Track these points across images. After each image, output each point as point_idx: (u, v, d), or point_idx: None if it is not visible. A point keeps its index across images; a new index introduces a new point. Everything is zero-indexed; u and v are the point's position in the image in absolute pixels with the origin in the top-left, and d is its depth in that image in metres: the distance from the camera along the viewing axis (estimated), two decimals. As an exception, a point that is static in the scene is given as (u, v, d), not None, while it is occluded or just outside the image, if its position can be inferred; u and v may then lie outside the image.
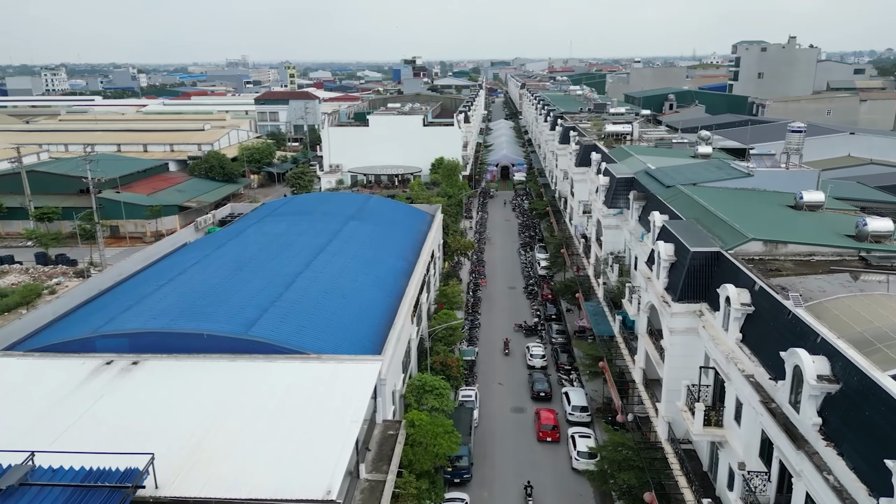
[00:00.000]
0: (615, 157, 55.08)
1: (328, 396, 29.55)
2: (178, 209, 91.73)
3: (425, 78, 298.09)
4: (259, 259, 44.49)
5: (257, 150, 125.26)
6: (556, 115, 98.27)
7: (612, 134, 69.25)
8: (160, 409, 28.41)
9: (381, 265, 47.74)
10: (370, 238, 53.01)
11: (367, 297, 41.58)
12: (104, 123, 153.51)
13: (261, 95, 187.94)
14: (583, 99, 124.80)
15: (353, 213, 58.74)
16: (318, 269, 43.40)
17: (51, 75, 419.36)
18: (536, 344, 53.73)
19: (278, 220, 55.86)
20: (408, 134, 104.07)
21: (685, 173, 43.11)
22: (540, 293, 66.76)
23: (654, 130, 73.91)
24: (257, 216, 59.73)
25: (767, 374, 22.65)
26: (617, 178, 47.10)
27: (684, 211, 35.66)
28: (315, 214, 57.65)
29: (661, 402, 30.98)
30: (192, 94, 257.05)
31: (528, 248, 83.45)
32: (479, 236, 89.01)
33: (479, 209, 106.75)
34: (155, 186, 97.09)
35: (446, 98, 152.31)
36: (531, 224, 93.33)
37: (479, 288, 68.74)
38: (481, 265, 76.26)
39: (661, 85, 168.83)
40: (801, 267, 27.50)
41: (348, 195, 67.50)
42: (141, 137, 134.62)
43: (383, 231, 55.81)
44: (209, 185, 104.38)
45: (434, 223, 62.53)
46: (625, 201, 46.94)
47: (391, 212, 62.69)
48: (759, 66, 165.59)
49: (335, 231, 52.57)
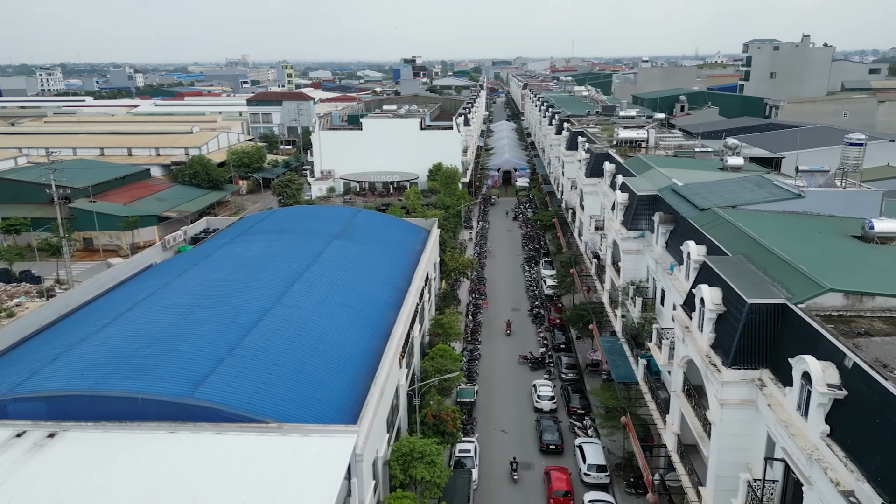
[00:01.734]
0: (632, 169, 48.82)
1: (290, 479, 23.55)
2: (156, 219, 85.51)
3: (424, 78, 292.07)
4: (223, 290, 38.28)
5: (246, 154, 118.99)
6: (561, 119, 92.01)
7: (626, 140, 62.98)
8: (76, 499, 22.37)
9: (366, 295, 41.53)
10: (356, 261, 46.81)
11: (347, 339, 35.38)
12: (88, 126, 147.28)
13: (253, 96, 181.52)
14: (589, 100, 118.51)
15: (339, 231, 52.57)
16: (291, 304, 37.20)
17: (46, 75, 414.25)
18: (545, 382, 47.32)
19: (253, 240, 49.67)
20: (404, 138, 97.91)
21: (720, 192, 36.84)
22: (546, 317, 60.45)
23: (670, 136, 67.60)
24: (232, 234, 53.56)
25: (875, 496, 16.34)
26: (638, 196, 40.85)
27: (728, 242, 29.40)
28: (295, 232, 51.46)
29: (707, 490, 24.68)
30: (186, 95, 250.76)
31: (533, 263, 77.17)
32: (480, 249, 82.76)
33: (480, 218, 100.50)
34: (133, 195, 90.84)
35: (445, 99, 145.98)
36: (535, 235, 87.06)
37: (480, 310, 62.44)
38: (482, 283, 69.94)
39: (669, 85, 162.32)
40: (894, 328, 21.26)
41: (335, 209, 61.24)
42: (125, 141, 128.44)
43: (372, 252, 49.61)
44: (193, 192, 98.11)
45: (429, 240, 56.36)
46: (647, 223, 40.71)
47: (382, 228, 56.49)
48: (772, 66, 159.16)
49: (316, 253, 46.37)
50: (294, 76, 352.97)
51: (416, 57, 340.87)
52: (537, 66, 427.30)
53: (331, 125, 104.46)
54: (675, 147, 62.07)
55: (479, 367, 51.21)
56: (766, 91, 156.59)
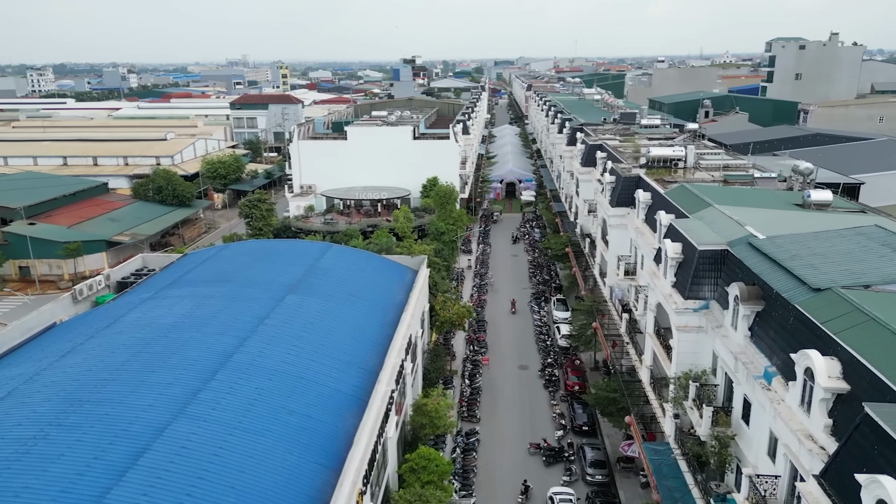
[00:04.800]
0: (680, 204, 37.03)
1: None
2: (105, 244, 73.87)
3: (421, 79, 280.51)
4: (109, 390, 26.66)
5: (222, 164, 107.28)
6: (573, 128, 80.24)
7: (659, 160, 51.29)
8: None
9: (318, 388, 29.87)
10: (312, 328, 35.14)
11: (277, 476, 23.74)
12: (54, 132, 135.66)
13: (237, 99, 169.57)
14: (602, 105, 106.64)
15: (298, 279, 40.87)
16: (203, 415, 25.55)
17: (37, 75, 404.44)
18: (564, 496, 35.22)
19: (182, 295, 38.00)
20: (394, 149, 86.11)
21: (830, 255, 25.08)
22: (563, 380, 48.63)
23: (711, 153, 55.71)
24: (160, 282, 41.89)
25: None
26: (700, 251, 29.08)
27: (882, 360, 17.67)
28: (239, 283, 39.78)
29: None
30: (173, 97, 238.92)
31: (543, 300, 65.36)
32: (481, 280, 70.94)
33: (481, 239, 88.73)
34: (83, 214, 79.16)
35: (443, 103, 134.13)
36: (544, 264, 75.23)
37: (479, 369, 50.64)
38: (482, 329, 58.02)
39: (687, 87, 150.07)
40: None
41: (299, 246, 49.28)
42: (91, 149, 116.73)
43: (336, 311, 37.93)
44: (156, 210, 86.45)
45: (416, 285, 44.74)
46: (712, 289, 28.97)
47: (355, 273, 44.77)
48: (797, 66, 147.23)
49: (259, 318, 34.71)
50: (290, 76, 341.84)
51: (415, 57, 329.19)
52: (540, 66, 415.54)
53: (313, 133, 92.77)
54: (720, 168, 50.32)
55: (478, 460, 39.39)
56: (790, 93, 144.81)
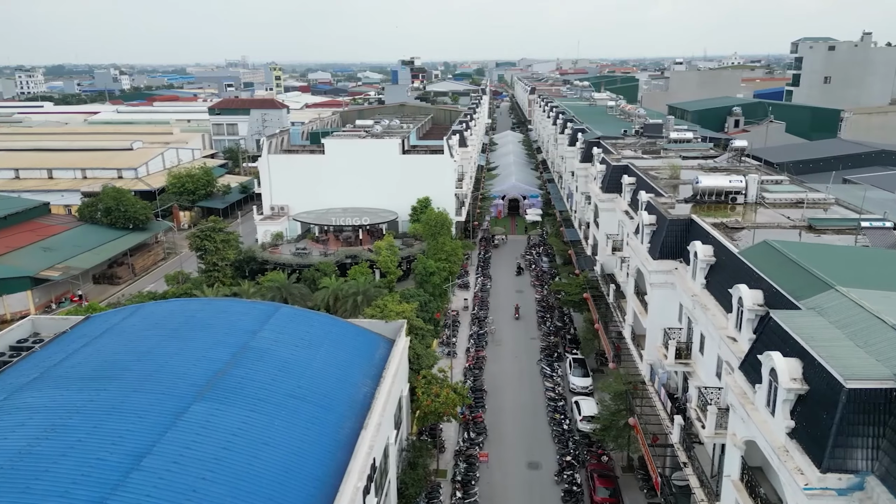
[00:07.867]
0: (766, 274, 24.84)
1: None
2: (31, 282, 61.86)
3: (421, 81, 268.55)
4: None
5: (190, 177, 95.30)
6: (588, 141, 68.18)
7: (709, 192, 39.26)
8: None
9: None
10: (221, 467, 23.05)
11: None
12: (5, 140, 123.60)
13: (217, 103, 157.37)
14: (618, 112, 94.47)
15: (218, 369, 28.74)
16: None
17: (26, 77, 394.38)
18: None
19: (35, 408, 25.91)
20: (379, 165, 74.25)
21: None
22: (588, 492, 36.40)
23: (774, 185, 43.36)
24: (21, 375, 29.73)
25: None
26: (848, 390, 16.94)
27: None
28: (130, 378, 27.64)
29: None
30: (158, 100, 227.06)
31: (556, 359, 53.22)
32: (479, 329, 58.70)
33: (480, 269, 76.59)
34: (11, 243, 66.99)
35: (439, 109, 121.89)
36: (555, 305, 63.07)
37: (475, 468, 38.42)
38: (479, 405, 45.47)
39: (707, 92, 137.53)
40: None
41: (237, 309, 36.79)
42: (46, 160, 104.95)
43: (266, 430, 25.82)
44: (103, 235, 74.39)
45: (390, 367, 32.81)
46: (870, 453, 16.93)
47: (304, 352, 32.63)
48: (826, 69, 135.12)
49: (137, 455, 22.66)
50: (284, 78, 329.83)
51: (414, 58, 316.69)
52: (543, 67, 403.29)
53: (287, 146, 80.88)
54: (793, 204, 38.22)
55: None
56: (819, 98, 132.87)
